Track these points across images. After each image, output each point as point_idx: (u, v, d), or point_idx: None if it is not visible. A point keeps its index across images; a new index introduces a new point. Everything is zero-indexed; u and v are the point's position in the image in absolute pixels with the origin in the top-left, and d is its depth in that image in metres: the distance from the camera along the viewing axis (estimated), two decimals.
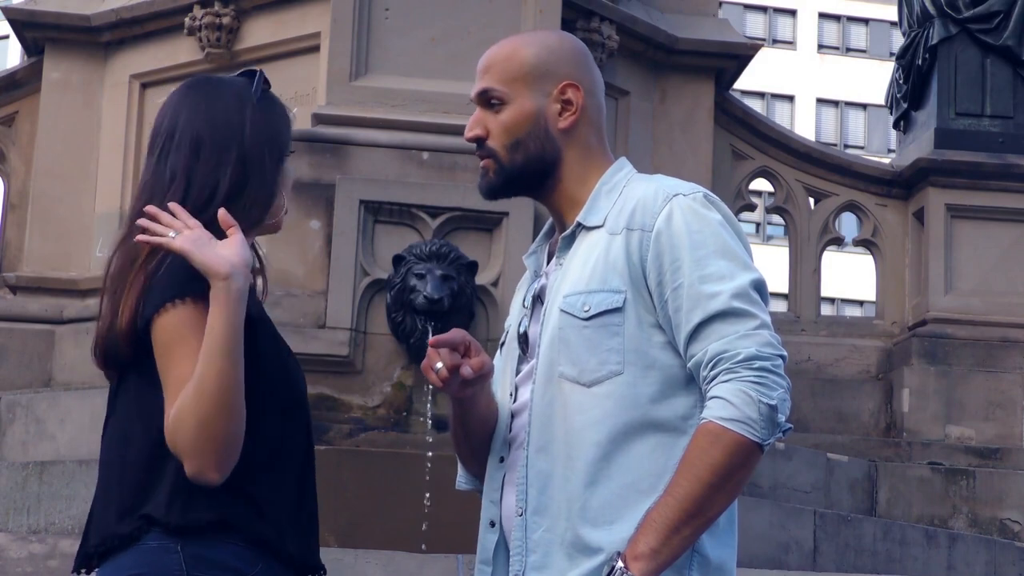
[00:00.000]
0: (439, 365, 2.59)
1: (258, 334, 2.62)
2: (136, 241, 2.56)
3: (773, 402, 2.44)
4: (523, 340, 2.71)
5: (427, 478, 5.83)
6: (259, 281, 2.79)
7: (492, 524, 2.66)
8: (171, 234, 2.53)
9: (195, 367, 2.48)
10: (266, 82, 2.77)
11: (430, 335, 6.31)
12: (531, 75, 2.68)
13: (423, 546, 5.72)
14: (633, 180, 2.69)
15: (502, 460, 2.67)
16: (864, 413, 8.49)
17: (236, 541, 2.52)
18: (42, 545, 5.30)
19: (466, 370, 2.59)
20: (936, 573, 7.07)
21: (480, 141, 2.69)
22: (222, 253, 2.52)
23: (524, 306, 2.74)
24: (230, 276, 2.51)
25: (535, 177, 2.69)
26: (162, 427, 2.52)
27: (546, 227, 2.79)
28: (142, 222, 2.56)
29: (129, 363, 2.60)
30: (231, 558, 2.51)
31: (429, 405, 6.27)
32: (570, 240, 2.67)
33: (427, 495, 5.80)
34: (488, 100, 2.69)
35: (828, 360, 8.56)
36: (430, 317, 6.26)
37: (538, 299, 2.70)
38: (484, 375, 2.64)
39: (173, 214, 2.57)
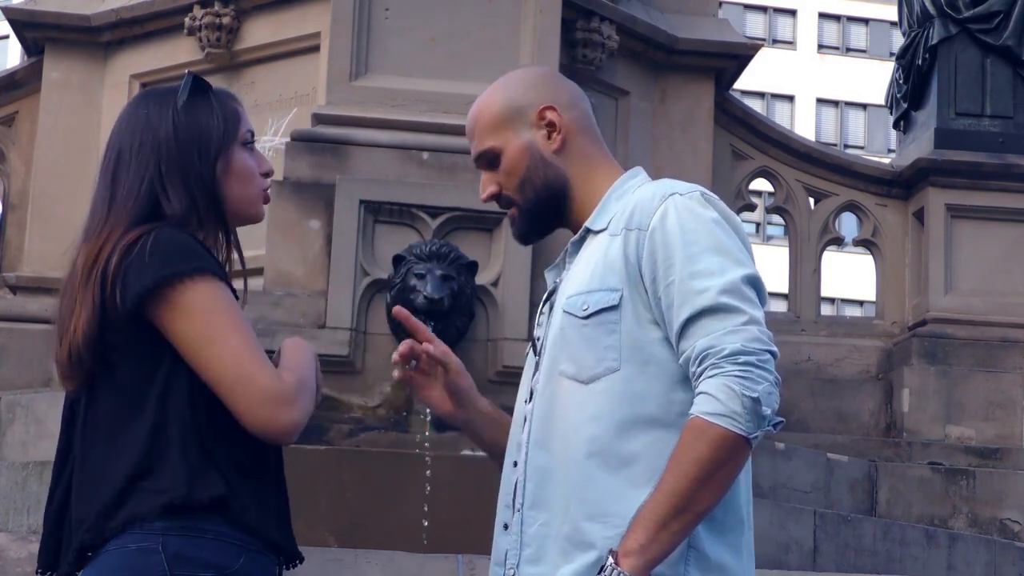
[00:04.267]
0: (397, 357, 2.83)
1: None
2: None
3: (756, 395, 2.46)
4: (534, 344, 2.76)
5: (427, 478, 5.83)
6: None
7: (506, 527, 2.69)
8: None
9: (250, 335, 2.57)
10: (200, 83, 2.78)
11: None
12: (507, 117, 2.76)
13: (423, 546, 5.72)
14: (644, 185, 2.74)
15: (515, 464, 2.70)
16: (864, 413, 8.48)
17: (218, 533, 2.53)
18: None
19: (427, 347, 2.84)
20: (936, 573, 7.07)
21: (497, 197, 2.78)
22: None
23: (540, 313, 2.80)
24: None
25: (553, 205, 2.76)
26: (162, 410, 2.56)
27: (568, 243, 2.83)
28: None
29: (107, 359, 2.61)
30: (213, 554, 2.52)
31: None
32: (578, 245, 2.74)
33: (427, 495, 5.80)
34: (487, 161, 2.77)
35: (828, 360, 8.56)
36: (430, 317, 6.26)
37: (553, 306, 2.75)
38: (450, 371, 2.87)
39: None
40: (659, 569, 2.46)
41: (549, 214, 2.77)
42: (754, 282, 2.58)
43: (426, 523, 5.77)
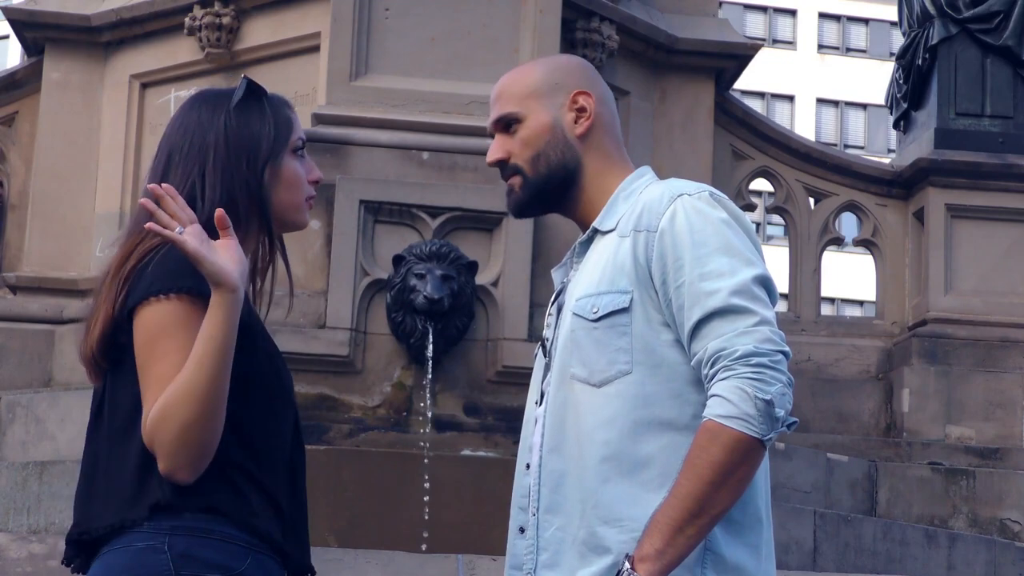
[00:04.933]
0: None
1: (255, 333, 2.65)
2: (146, 228, 2.56)
3: (768, 397, 2.45)
4: (544, 346, 2.75)
5: (427, 478, 5.83)
6: (264, 281, 2.80)
7: (521, 530, 2.68)
8: (178, 229, 2.52)
9: (178, 365, 2.50)
10: (254, 87, 2.77)
11: (430, 335, 6.33)
12: (542, 90, 2.73)
13: (423, 546, 5.72)
14: (651, 186, 2.72)
15: (528, 467, 2.69)
16: (864, 413, 8.49)
17: (225, 534, 2.53)
18: (42, 545, 5.30)
19: None
20: (936, 573, 7.07)
21: (503, 163, 2.73)
22: (228, 261, 2.53)
23: (549, 314, 2.78)
24: (237, 288, 2.52)
25: (560, 188, 2.73)
26: None
27: (576, 243, 2.81)
28: (146, 204, 2.56)
29: (118, 360, 2.62)
30: (219, 555, 2.52)
31: (429, 405, 6.27)
32: (586, 245, 2.72)
33: (427, 495, 5.80)
34: (505, 124, 2.73)
35: (828, 360, 8.56)
36: (430, 317, 6.26)
37: (562, 307, 2.73)
38: None
39: (171, 198, 2.56)
40: (676, 572, 2.45)
41: (553, 194, 2.73)
42: (764, 282, 2.56)
43: (426, 523, 5.77)
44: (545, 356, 2.74)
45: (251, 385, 2.60)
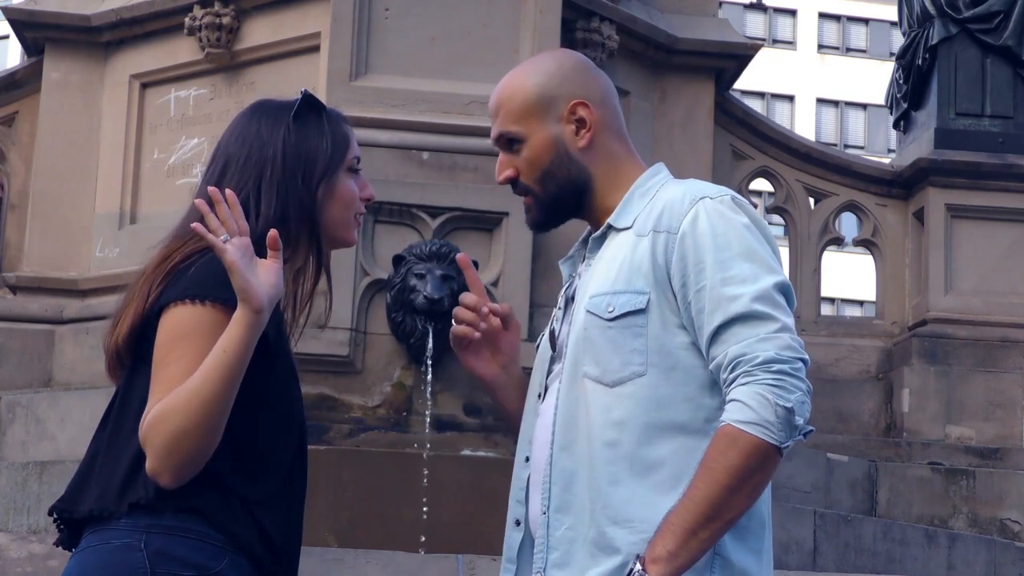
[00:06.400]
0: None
1: (277, 357, 2.65)
2: (191, 227, 2.56)
3: (790, 405, 2.45)
4: (553, 340, 2.74)
5: (426, 478, 5.83)
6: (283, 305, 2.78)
7: (518, 523, 2.68)
8: (223, 237, 2.52)
9: (190, 371, 2.49)
10: (312, 101, 2.77)
11: (430, 335, 6.33)
12: (538, 106, 2.70)
13: (422, 546, 5.72)
14: (667, 184, 2.71)
15: (527, 459, 2.69)
16: (864, 413, 8.49)
17: (202, 533, 2.52)
18: (42, 545, 5.30)
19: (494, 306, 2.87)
20: (936, 573, 7.08)
21: (513, 182, 2.73)
22: (262, 282, 2.53)
23: (558, 308, 2.77)
24: (262, 310, 2.51)
25: (572, 200, 2.72)
26: None
27: (584, 234, 2.80)
28: (200, 205, 2.56)
29: (140, 356, 2.62)
30: (195, 554, 2.51)
31: (429, 405, 6.27)
32: (600, 241, 2.70)
33: (427, 495, 5.80)
34: (506, 142, 2.73)
35: (828, 360, 8.56)
36: (430, 317, 6.27)
37: (571, 300, 2.73)
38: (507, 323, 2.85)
39: (229, 206, 2.56)
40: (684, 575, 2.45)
41: (568, 207, 2.74)
42: (785, 289, 2.57)
43: (426, 523, 5.77)
44: (553, 349, 2.73)
45: (260, 404, 2.60)
